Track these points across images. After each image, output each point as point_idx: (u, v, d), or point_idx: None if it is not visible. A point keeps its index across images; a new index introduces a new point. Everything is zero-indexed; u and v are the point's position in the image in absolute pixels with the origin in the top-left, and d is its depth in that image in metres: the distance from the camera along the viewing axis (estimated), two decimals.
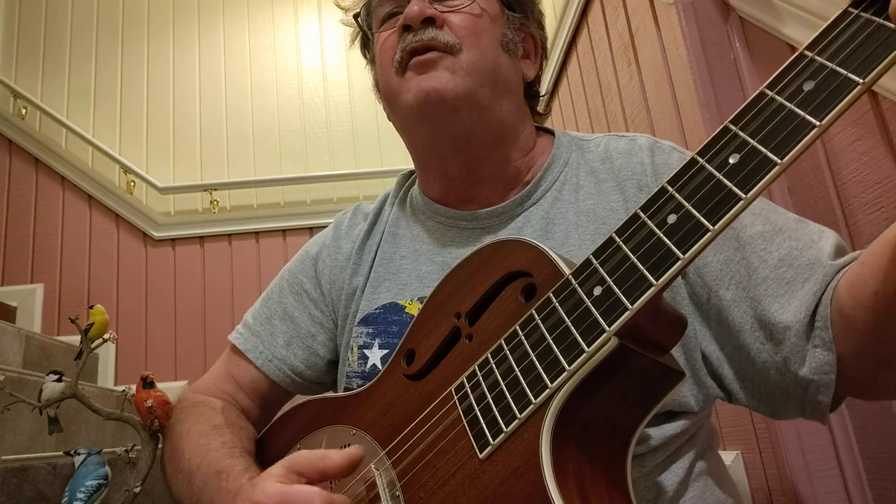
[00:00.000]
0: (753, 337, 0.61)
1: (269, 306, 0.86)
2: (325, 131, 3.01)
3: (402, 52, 0.72)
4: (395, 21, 0.76)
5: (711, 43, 1.21)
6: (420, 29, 0.72)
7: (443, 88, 0.70)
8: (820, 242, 0.61)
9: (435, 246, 0.79)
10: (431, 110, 0.72)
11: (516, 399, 0.48)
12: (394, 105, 0.77)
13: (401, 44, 0.73)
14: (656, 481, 0.64)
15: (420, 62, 0.71)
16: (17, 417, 1.45)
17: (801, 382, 0.58)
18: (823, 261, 0.59)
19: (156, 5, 3.12)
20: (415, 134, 0.78)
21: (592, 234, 0.71)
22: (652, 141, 0.76)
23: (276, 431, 0.76)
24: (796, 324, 0.57)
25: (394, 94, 0.75)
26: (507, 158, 0.77)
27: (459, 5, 0.74)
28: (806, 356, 0.57)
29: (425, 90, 0.70)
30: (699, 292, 0.66)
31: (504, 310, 0.55)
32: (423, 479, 0.53)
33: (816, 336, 0.56)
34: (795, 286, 0.59)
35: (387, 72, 0.76)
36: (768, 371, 0.60)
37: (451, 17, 0.73)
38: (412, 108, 0.72)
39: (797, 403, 0.60)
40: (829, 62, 0.40)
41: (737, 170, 0.41)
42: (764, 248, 0.63)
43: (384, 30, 0.78)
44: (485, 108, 0.73)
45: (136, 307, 2.70)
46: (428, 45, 0.71)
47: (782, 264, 0.61)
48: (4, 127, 2.89)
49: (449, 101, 0.71)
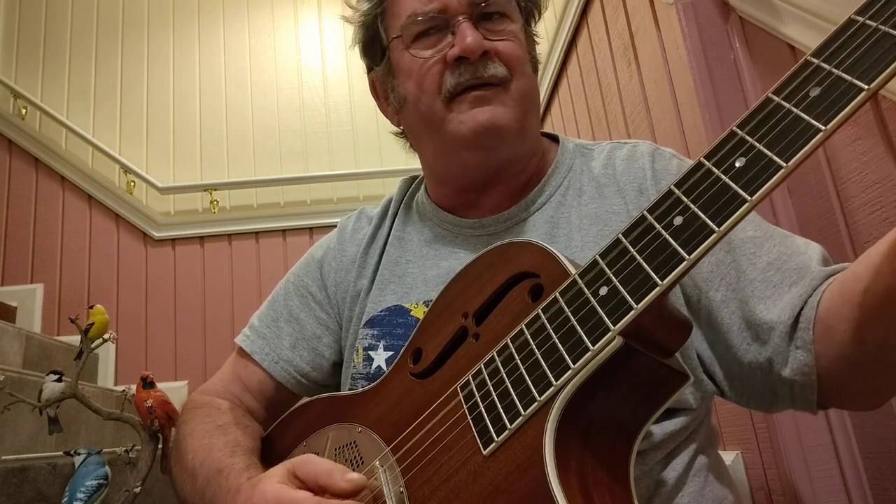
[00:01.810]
0: (741, 338, 0.63)
1: (274, 309, 0.87)
2: (325, 131, 3.01)
3: (455, 84, 0.72)
4: (435, 40, 0.74)
5: (711, 43, 1.22)
6: (478, 63, 0.71)
7: (501, 123, 0.71)
8: (808, 252, 0.63)
9: (441, 251, 0.80)
10: (487, 142, 0.73)
11: (521, 396, 0.49)
12: (436, 129, 0.75)
13: (454, 76, 0.72)
14: (656, 478, 0.64)
15: (478, 97, 0.71)
16: (17, 417, 1.45)
17: (786, 382, 0.59)
18: (812, 266, 0.61)
19: (156, 5, 3.12)
20: (460, 159, 0.77)
21: (595, 237, 0.72)
22: (653, 148, 0.77)
23: (282, 429, 0.77)
24: (780, 324, 0.59)
25: (438, 120, 0.74)
26: (527, 170, 0.79)
27: (503, 30, 0.74)
28: (788, 357, 0.58)
29: (484, 125, 0.71)
30: (690, 293, 0.68)
31: (511, 309, 0.56)
32: (427, 476, 0.53)
33: (798, 337, 0.58)
34: (782, 289, 0.61)
35: (429, 97, 0.74)
36: (755, 371, 0.62)
37: (501, 46, 0.73)
38: (466, 139, 0.73)
39: (785, 400, 0.61)
40: (835, 69, 0.40)
41: (742, 173, 0.42)
42: (753, 252, 0.64)
43: (422, 48, 0.75)
44: (528, 130, 0.76)
45: (136, 307, 2.70)
46: (487, 82, 0.72)
47: (770, 268, 0.63)
48: (4, 127, 2.89)
49: (504, 132, 0.72)
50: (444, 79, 0.73)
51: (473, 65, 0.71)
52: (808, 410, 0.61)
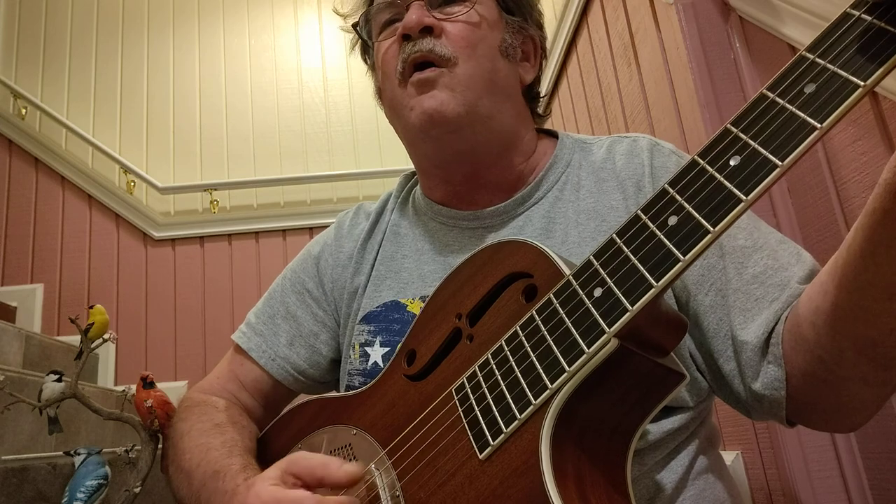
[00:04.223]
0: (725, 345, 0.63)
1: (271, 306, 0.86)
2: (324, 131, 3.01)
3: (402, 62, 0.73)
4: (394, 29, 0.76)
5: (711, 43, 1.21)
6: (419, 38, 0.72)
7: (445, 109, 0.71)
8: (797, 265, 0.63)
9: (437, 245, 0.79)
10: (435, 131, 0.72)
11: (516, 400, 0.48)
12: (398, 118, 0.77)
13: (401, 54, 0.73)
14: (656, 479, 0.64)
15: (420, 81, 0.71)
16: (17, 417, 1.45)
17: (756, 396, 0.60)
18: (792, 284, 0.61)
19: (156, 5, 3.12)
20: (419, 148, 0.79)
21: (592, 232, 0.71)
22: (653, 143, 0.76)
23: (277, 431, 0.76)
24: (754, 339, 0.59)
25: (399, 106, 0.75)
26: (511, 164, 0.78)
27: (457, 13, 0.74)
28: (759, 371, 0.59)
29: (428, 112, 0.71)
30: (679, 294, 0.68)
31: (505, 311, 0.56)
32: (423, 480, 0.53)
33: (770, 353, 0.58)
34: (763, 304, 0.61)
35: (391, 81, 0.76)
36: (732, 380, 0.63)
37: (449, 26, 0.73)
38: (416, 128, 0.73)
39: (760, 411, 0.62)
40: (830, 64, 0.39)
41: (737, 172, 0.41)
42: (741, 263, 0.64)
43: (384, 38, 0.78)
44: (486, 118, 0.74)
45: (136, 307, 2.70)
46: (426, 57, 0.71)
47: (755, 281, 0.63)
48: (4, 127, 2.90)
49: (452, 120, 0.71)
50: (397, 60, 0.74)
51: (414, 41, 0.72)
52: (781, 423, 0.61)
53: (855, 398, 0.56)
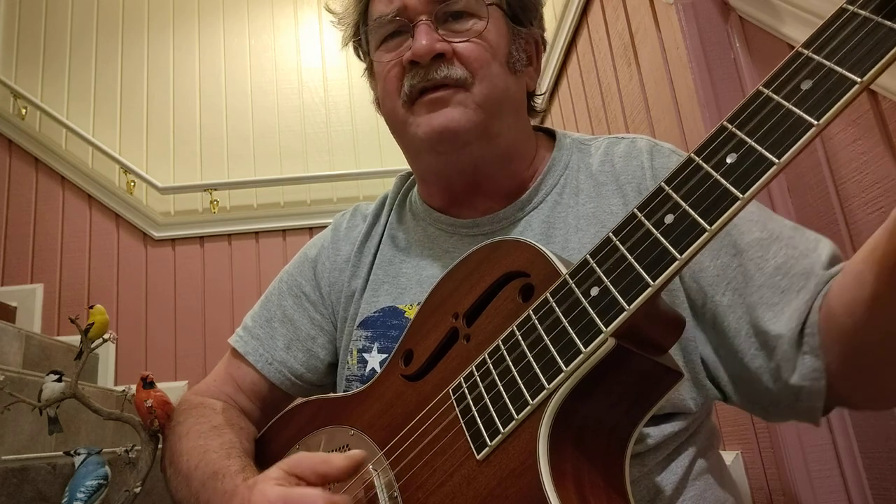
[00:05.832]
0: (748, 343, 0.62)
1: (268, 309, 0.85)
2: (324, 131, 3.01)
3: (410, 87, 0.70)
4: (397, 42, 0.73)
5: (711, 43, 1.21)
6: (430, 66, 0.69)
7: (455, 126, 0.69)
8: (816, 251, 0.61)
9: (436, 251, 0.78)
10: (443, 146, 0.71)
11: (513, 400, 0.48)
12: (400, 132, 0.75)
13: (408, 79, 0.70)
14: (656, 481, 0.63)
15: (432, 100, 0.69)
16: (17, 417, 1.45)
17: (793, 389, 0.58)
18: (817, 271, 0.60)
19: (156, 5, 3.12)
20: (422, 160, 0.77)
21: (593, 238, 0.70)
22: (652, 144, 0.75)
23: (275, 432, 0.76)
24: (788, 332, 0.58)
25: (401, 123, 0.73)
26: (513, 173, 0.77)
27: (468, 31, 0.70)
28: (796, 364, 0.58)
29: (437, 129, 0.69)
30: (695, 297, 0.66)
31: (502, 310, 0.55)
32: (420, 480, 0.53)
33: (805, 343, 0.57)
34: (790, 295, 0.60)
35: (392, 100, 0.73)
36: (761, 377, 0.61)
37: (461, 48, 0.69)
38: (422, 142, 0.71)
39: (789, 408, 0.60)
40: (826, 60, 0.39)
41: (734, 169, 0.41)
42: (761, 256, 0.63)
43: (386, 51, 0.74)
44: (495, 136, 0.72)
45: (136, 307, 2.70)
46: (440, 84, 0.69)
47: (778, 273, 0.61)
48: (4, 127, 2.90)
49: (461, 136, 0.70)
50: (402, 82, 0.71)
51: (425, 68, 0.69)
52: (810, 421, 0.60)
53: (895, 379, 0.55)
